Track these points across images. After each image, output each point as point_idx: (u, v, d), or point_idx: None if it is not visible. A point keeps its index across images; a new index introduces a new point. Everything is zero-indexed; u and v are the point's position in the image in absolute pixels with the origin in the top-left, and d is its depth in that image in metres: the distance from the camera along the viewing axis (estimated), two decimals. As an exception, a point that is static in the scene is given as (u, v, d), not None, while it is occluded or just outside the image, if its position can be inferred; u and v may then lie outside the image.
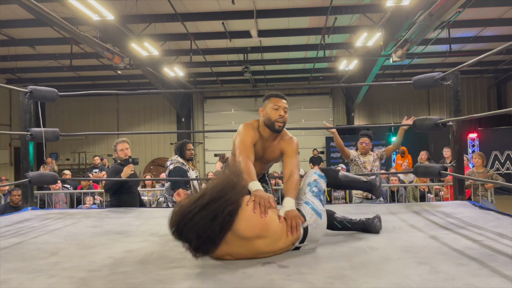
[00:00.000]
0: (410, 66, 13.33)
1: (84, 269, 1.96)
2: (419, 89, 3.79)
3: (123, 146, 4.29)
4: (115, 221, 3.37)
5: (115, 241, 2.62)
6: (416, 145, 13.36)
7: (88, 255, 2.26)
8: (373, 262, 1.94)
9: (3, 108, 12.69)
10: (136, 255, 2.20)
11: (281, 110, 2.55)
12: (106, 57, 9.52)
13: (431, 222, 2.98)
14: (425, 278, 1.71)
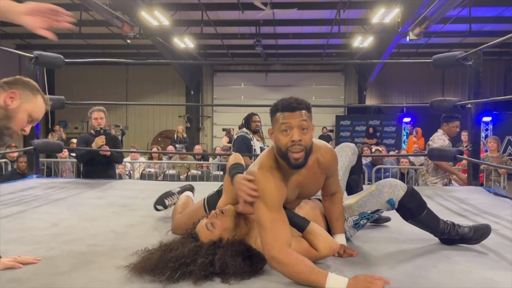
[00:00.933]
0: (426, 45, 12.94)
1: (84, 243, 1.91)
2: (439, 69, 3.62)
3: (98, 115, 4.00)
4: (120, 193, 3.32)
5: (117, 214, 2.56)
6: (428, 126, 13.12)
7: (89, 227, 2.20)
8: (385, 250, 1.85)
9: (13, 74, 12.57)
10: (138, 229, 2.14)
11: (295, 131, 1.54)
12: (115, 25, 9.33)
13: (444, 208, 2.88)
14: (440, 269, 1.62)
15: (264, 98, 15.14)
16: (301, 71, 15.65)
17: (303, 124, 1.55)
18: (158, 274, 1.43)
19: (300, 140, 1.54)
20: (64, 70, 17.34)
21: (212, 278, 1.45)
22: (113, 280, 1.44)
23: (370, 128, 13.30)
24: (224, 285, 1.42)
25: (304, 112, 1.56)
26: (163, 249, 1.55)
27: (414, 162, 7.44)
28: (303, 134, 1.55)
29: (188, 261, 1.46)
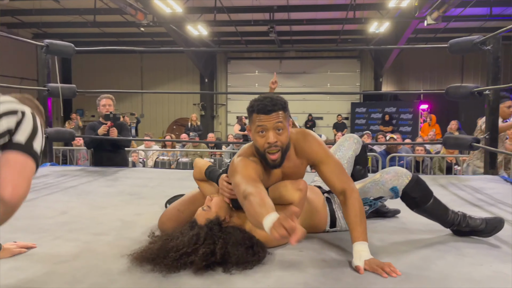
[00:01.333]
0: (445, 30, 12.58)
1: (90, 231, 1.91)
2: (456, 53, 3.50)
3: (106, 102, 4.00)
4: (131, 181, 3.34)
5: (126, 202, 2.57)
6: (445, 114, 12.87)
7: (97, 216, 2.21)
8: (392, 242, 1.81)
9: (30, 63, 12.76)
10: (145, 218, 2.14)
11: (271, 133, 1.59)
12: (129, 13, 9.32)
13: (458, 198, 2.80)
14: (449, 262, 1.57)
15: (279, 86, 14.96)
16: (315, 58, 15.44)
17: (278, 126, 1.59)
18: (159, 264, 1.42)
19: (276, 142, 1.59)
20: (80, 59, 17.50)
21: (214, 268, 1.43)
22: (114, 270, 1.44)
23: (386, 115, 13.10)
24: (225, 275, 1.40)
25: (280, 113, 1.60)
26: (164, 239, 1.53)
27: (430, 150, 7.30)
28: (278, 135, 1.60)
29: (189, 251, 1.44)
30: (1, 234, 1.82)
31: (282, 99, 1.64)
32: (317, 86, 14.92)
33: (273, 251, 1.62)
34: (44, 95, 3.89)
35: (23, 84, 12.98)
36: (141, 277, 1.38)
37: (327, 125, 14.76)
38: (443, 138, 3.68)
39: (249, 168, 1.61)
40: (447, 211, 1.82)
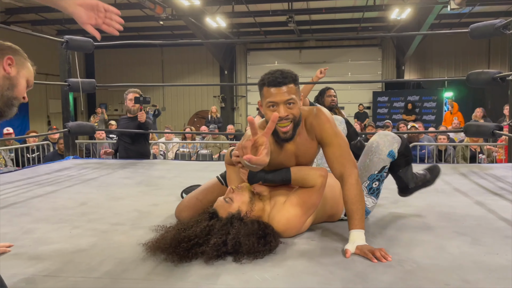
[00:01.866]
0: (470, 14, 12.18)
1: (107, 221, 1.96)
2: (477, 38, 3.40)
3: (133, 97, 4.09)
4: (149, 173, 3.40)
5: (144, 193, 2.62)
6: (471, 101, 12.51)
7: (115, 206, 2.26)
8: (407, 230, 1.79)
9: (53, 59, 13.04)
10: (161, 208, 2.18)
11: (281, 107, 1.58)
12: (148, 7, 9.40)
13: (479, 186, 2.74)
14: (464, 251, 1.54)
15: (299, 76, 14.86)
16: (336, 47, 15.22)
17: (289, 100, 1.59)
18: (171, 253, 1.45)
19: (288, 115, 1.59)
20: (103, 54, 17.80)
21: (224, 257, 1.45)
22: (128, 259, 1.47)
23: (409, 104, 12.84)
24: (236, 264, 1.42)
25: (291, 86, 1.59)
26: (177, 228, 1.56)
27: (454, 139, 7.13)
28: (289, 108, 1.59)
29: (200, 241, 1.46)
30: (22, 224, 1.90)
31: (292, 73, 1.63)
32: (337, 76, 14.72)
33: (285, 240, 1.63)
34: (65, 90, 3.99)
35: (48, 80, 13.34)
36: (154, 267, 1.41)
37: (348, 115, 14.56)
38: (465, 126, 3.58)
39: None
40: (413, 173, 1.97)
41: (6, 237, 1.71)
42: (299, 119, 1.63)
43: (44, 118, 14.67)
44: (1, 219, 2.00)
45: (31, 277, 1.32)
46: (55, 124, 12.41)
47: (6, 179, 3.05)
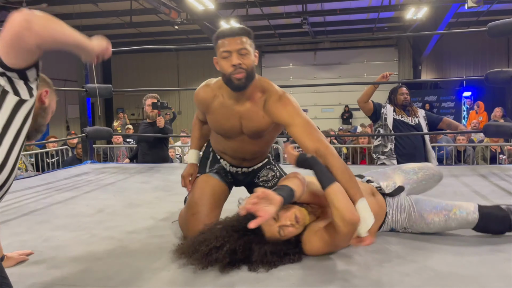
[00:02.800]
0: (488, 12, 11.94)
1: (124, 229, 1.98)
2: (495, 36, 3.33)
3: (151, 102, 4.23)
4: (165, 177, 3.43)
5: (160, 199, 2.64)
6: (491, 100, 12.26)
7: (131, 214, 2.29)
8: (425, 237, 1.75)
9: (71, 65, 13.29)
10: (176, 216, 2.19)
11: (235, 55, 1.62)
12: (163, 12, 9.51)
13: (499, 188, 2.69)
14: (483, 258, 1.51)
15: (313, 78, 14.83)
16: (351, 48, 15.11)
17: (243, 50, 1.62)
18: (189, 257, 1.46)
19: (240, 64, 1.61)
20: (119, 59, 17.99)
21: (239, 266, 1.44)
22: (144, 267, 1.49)
23: (427, 104, 12.67)
24: (250, 273, 1.41)
25: (244, 39, 1.64)
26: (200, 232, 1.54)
27: (473, 140, 6.99)
28: (242, 58, 1.63)
29: (217, 245, 1.44)
30: (42, 231, 1.93)
31: (246, 28, 1.69)
32: (353, 77, 14.61)
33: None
34: (82, 96, 4.06)
35: (67, 86, 13.60)
36: (170, 276, 1.42)
37: (365, 116, 14.44)
38: (484, 126, 3.51)
39: (198, 96, 1.85)
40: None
41: (26, 245, 1.74)
42: (251, 72, 1.66)
43: (63, 123, 14.95)
44: (22, 227, 2.04)
45: (49, 287, 1.35)
46: (74, 129, 12.63)
47: (27, 184, 3.12)
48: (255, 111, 1.74)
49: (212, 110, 1.80)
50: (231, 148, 1.89)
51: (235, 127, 1.78)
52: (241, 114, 1.75)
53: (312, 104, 14.59)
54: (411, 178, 1.92)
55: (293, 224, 1.48)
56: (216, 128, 1.85)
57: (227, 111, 1.76)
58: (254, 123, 1.75)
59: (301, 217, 1.51)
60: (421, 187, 1.96)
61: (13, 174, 1.20)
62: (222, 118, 1.77)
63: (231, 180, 2.00)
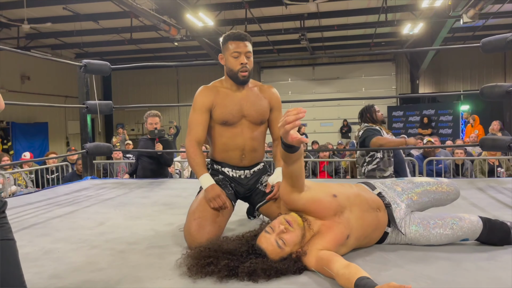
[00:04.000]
0: (484, 27, 12.13)
1: (125, 241, 2.00)
2: (489, 52, 3.39)
3: (152, 121, 4.32)
4: (165, 192, 3.45)
5: (160, 212, 2.66)
6: (488, 114, 12.33)
7: (132, 226, 2.30)
8: (424, 248, 1.77)
9: (72, 81, 13.41)
10: (176, 227, 2.21)
11: (243, 56, 2.03)
12: (163, 29, 9.63)
13: (496, 201, 2.71)
14: (479, 266, 1.53)
15: (312, 92, 14.96)
16: (349, 63, 15.28)
17: (249, 53, 2.06)
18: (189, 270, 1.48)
19: (246, 63, 2.04)
20: (120, 75, 18.13)
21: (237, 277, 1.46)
22: (145, 277, 1.51)
23: (425, 118, 12.72)
24: (250, 283, 1.43)
25: (249, 44, 2.07)
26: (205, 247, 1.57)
27: (472, 153, 7.03)
28: (248, 59, 2.06)
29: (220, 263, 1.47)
30: (43, 244, 1.95)
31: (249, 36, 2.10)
32: (351, 91, 14.75)
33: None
34: (83, 112, 4.10)
35: (67, 102, 13.69)
36: (169, 284, 1.44)
37: (363, 130, 14.53)
38: (481, 140, 3.55)
39: (198, 101, 2.13)
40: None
41: (28, 257, 1.76)
42: (251, 70, 2.09)
43: (63, 139, 14.99)
44: (23, 240, 2.06)
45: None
46: (74, 145, 12.67)
47: (27, 200, 3.14)
48: (254, 94, 2.15)
49: (219, 101, 2.10)
50: (232, 138, 2.10)
51: (238, 111, 2.09)
52: (243, 98, 2.11)
53: (311, 119, 14.66)
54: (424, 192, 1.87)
55: (287, 227, 1.51)
56: (224, 115, 2.08)
57: (232, 97, 2.11)
58: (256, 106, 2.12)
59: (291, 220, 1.54)
60: (432, 202, 1.90)
61: None
62: (229, 103, 2.09)
63: (232, 192, 2.07)
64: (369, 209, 1.70)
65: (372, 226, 1.69)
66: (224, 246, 1.53)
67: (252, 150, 2.13)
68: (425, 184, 1.89)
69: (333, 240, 1.56)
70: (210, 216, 1.88)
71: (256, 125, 2.13)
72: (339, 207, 1.63)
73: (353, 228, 1.62)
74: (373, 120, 3.87)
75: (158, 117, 4.38)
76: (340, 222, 1.60)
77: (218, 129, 2.12)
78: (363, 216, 1.67)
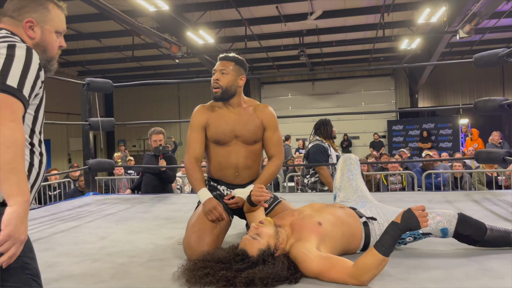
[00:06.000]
0: (481, 42, 12.31)
1: (126, 254, 2.05)
2: (482, 67, 3.48)
3: (156, 138, 4.42)
4: (166, 207, 3.50)
5: (160, 226, 2.71)
6: (488, 127, 12.40)
7: (133, 240, 2.35)
8: (416, 257, 1.82)
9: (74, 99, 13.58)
10: (176, 241, 2.27)
11: (218, 74, 2.13)
12: (164, 46, 9.80)
13: (491, 213, 2.75)
14: (470, 276, 1.57)
15: (312, 107, 15.08)
16: (348, 78, 15.44)
17: (224, 70, 2.12)
18: (188, 281, 1.53)
19: (218, 80, 2.11)
20: (121, 92, 18.31)
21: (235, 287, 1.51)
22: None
23: (424, 131, 12.81)
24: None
25: (230, 64, 2.14)
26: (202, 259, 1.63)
27: (471, 166, 7.07)
28: (221, 76, 2.12)
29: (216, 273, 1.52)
30: (46, 258, 2.00)
31: (240, 59, 2.18)
32: (351, 106, 14.87)
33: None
34: (86, 129, 4.18)
35: (70, 119, 13.82)
36: (169, 295, 1.49)
37: (364, 144, 14.61)
38: (476, 153, 3.61)
39: (193, 120, 2.21)
40: (509, 234, 1.86)
41: (31, 270, 1.81)
42: (228, 89, 2.12)
43: (65, 155, 15.08)
44: (27, 254, 2.11)
45: (56, 307, 1.41)
46: (76, 162, 12.74)
47: (30, 215, 3.18)
48: (248, 114, 2.18)
49: (212, 120, 2.17)
50: (225, 157, 2.16)
51: (231, 131, 2.14)
52: (235, 119, 2.16)
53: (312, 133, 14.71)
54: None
55: (258, 225, 1.70)
56: (216, 134, 2.15)
57: (225, 117, 2.17)
58: (249, 126, 2.16)
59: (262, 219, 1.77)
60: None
61: None
62: (222, 123, 2.15)
63: (227, 206, 2.11)
64: (330, 206, 1.95)
65: (341, 215, 1.86)
66: (218, 256, 1.59)
67: (246, 168, 2.17)
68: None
69: (309, 231, 1.70)
70: (209, 228, 1.93)
71: (248, 145, 2.16)
72: (297, 210, 1.90)
73: (319, 215, 1.81)
74: (327, 135, 4.04)
75: (162, 134, 4.48)
76: (303, 217, 1.80)
77: (212, 148, 2.19)
78: (323, 207, 1.91)
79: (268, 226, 1.70)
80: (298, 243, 1.65)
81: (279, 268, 1.54)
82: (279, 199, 2.19)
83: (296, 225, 1.75)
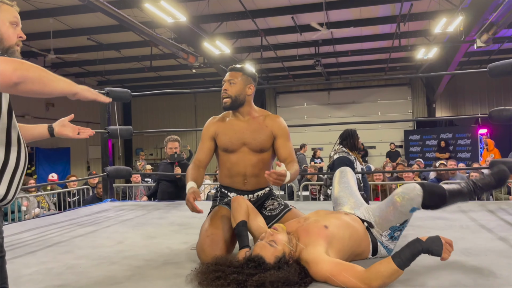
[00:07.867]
0: (500, 51, 12.15)
1: (142, 258, 2.12)
2: (496, 77, 3.47)
3: (172, 145, 4.53)
4: (181, 213, 3.56)
5: (175, 232, 2.78)
6: (508, 137, 12.19)
7: (149, 245, 2.42)
8: (424, 264, 1.84)
9: (93, 107, 13.90)
10: (191, 246, 2.32)
11: (226, 84, 2.24)
12: (181, 57, 9.99)
13: (505, 223, 2.74)
14: (479, 283, 1.58)
15: (328, 116, 15.06)
16: (364, 87, 15.39)
17: (232, 80, 2.23)
18: (200, 284, 1.58)
19: (226, 90, 2.23)
20: (139, 101, 18.60)
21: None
22: (160, 290, 1.61)
23: (442, 141, 12.65)
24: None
25: (238, 74, 2.26)
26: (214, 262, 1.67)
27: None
28: (230, 86, 2.23)
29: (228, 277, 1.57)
30: (66, 260, 2.08)
31: (248, 69, 2.32)
32: (367, 115, 14.80)
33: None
34: (104, 137, 4.30)
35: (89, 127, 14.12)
36: (183, 296, 1.54)
37: (380, 154, 14.49)
38: (490, 162, 3.59)
39: (204, 128, 2.35)
40: (463, 191, 1.97)
41: (52, 272, 1.89)
42: (236, 97, 2.23)
43: (84, 163, 15.38)
44: (47, 256, 2.20)
45: (75, 305, 1.48)
46: (94, 169, 12.99)
47: (51, 220, 3.30)
48: (257, 123, 2.27)
49: (221, 129, 2.28)
50: (234, 164, 2.23)
51: (238, 139, 2.23)
52: (244, 127, 2.26)
53: (327, 143, 14.69)
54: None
55: (273, 231, 1.73)
56: (224, 142, 2.25)
57: (234, 126, 2.27)
58: (257, 134, 2.23)
59: (276, 226, 1.80)
60: None
61: None
62: (230, 131, 2.25)
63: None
64: (335, 212, 2.04)
65: (347, 219, 1.91)
66: (231, 260, 1.63)
67: (254, 175, 2.23)
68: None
69: (316, 235, 1.74)
70: (222, 232, 1.98)
71: (256, 153, 2.23)
72: (302, 218, 1.97)
73: (324, 219, 1.85)
74: (354, 147, 3.90)
75: (177, 142, 4.58)
76: (309, 223, 1.85)
77: (222, 156, 2.30)
78: (328, 213, 1.97)
79: (282, 233, 1.74)
80: (308, 248, 1.69)
81: (291, 273, 1.58)
82: (289, 207, 2.24)
83: (302, 231, 1.80)
